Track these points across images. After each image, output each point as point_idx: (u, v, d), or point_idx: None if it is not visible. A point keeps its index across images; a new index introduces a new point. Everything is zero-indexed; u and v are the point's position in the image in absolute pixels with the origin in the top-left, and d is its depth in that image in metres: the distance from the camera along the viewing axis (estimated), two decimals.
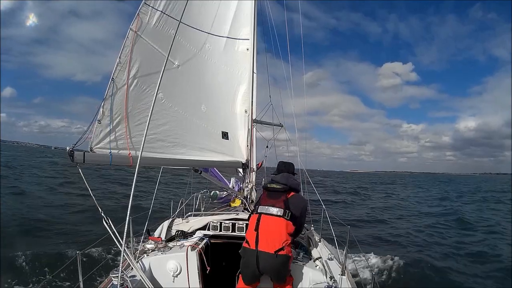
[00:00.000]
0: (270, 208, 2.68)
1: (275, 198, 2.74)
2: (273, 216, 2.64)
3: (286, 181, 2.84)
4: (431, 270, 6.98)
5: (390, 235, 10.36)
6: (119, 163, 2.91)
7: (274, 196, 2.76)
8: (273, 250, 2.51)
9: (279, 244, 2.54)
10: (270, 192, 2.80)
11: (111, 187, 15.80)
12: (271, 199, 2.74)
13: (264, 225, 2.61)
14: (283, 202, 2.70)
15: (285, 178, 2.88)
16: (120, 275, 2.20)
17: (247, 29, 4.28)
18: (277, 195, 2.76)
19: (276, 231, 2.59)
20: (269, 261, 2.51)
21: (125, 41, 2.85)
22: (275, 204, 2.70)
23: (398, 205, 19.16)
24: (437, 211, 16.34)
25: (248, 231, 2.73)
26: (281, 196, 2.74)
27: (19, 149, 68.47)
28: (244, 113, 4.30)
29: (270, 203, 2.71)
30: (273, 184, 2.83)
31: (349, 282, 2.85)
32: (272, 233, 2.58)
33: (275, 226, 2.60)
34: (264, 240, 2.56)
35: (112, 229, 2.45)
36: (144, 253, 3.09)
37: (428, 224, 12.57)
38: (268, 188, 2.83)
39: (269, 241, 2.54)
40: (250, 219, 2.79)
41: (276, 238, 2.55)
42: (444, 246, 9.30)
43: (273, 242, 2.54)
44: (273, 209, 2.67)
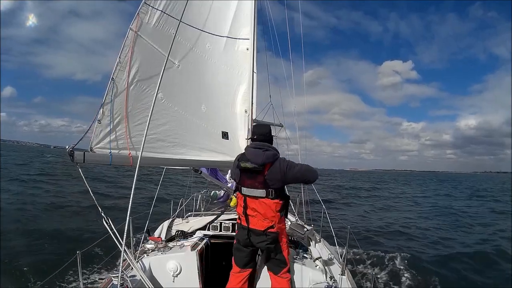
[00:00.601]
0: (251, 190, 2.53)
1: (253, 178, 2.53)
2: (259, 199, 2.51)
3: (259, 158, 2.51)
4: (431, 270, 6.99)
5: (391, 235, 10.37)
6: (119, 163, 2.91)
7: (251, 175, 2.54)
8: (263, 228, 2.51)
9: (268, 222, 2.52)
10: (246, 172, 2.56)
11: (99, 186, 15.55)
12: (249, 179, 2.55)
13: (251, 206, 2.55)
14: (262, 182, 2.50)
15: (257, 155, 2.53)
16: (120, 275, 2.20)
17: (247, 28, 4.28)
18: (253, 174, 2.53)
19: (263, 211, 2.51)
20: (259, 238, 2.54)
21: (125, 41, 2.85)
22: (255, 184, 2.52)
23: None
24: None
25: (238, 208, 2.68)
26: (258, 176, 2.51)
27: (16, 149, 68.31)
28: (244, 113, 4.30)
29: (249, 184, 2.54)
30: (247, 163, 2.54)
31: (349, 282, 2.85)
32: (258, 215, 2.53)
33: (261, 207, 2.51)
34: (253, 220, 2.55)
35: (112, 229, 2.46)
36: (144, 253, 3.10)
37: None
38: (242, 168, 2.58)
39: (258, 221, 2.53)
40: (238, 196, 2.68)
41: (264, 218, 2.52)
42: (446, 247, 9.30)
43: (262, 222, 2.52)
44: (254, 191, 2.52)
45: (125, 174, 21.45)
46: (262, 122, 5.12)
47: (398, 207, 17.79)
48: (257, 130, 2.76)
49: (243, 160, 2.58)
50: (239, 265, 2.71)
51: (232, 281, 2.72)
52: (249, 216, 2.56)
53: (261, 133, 2.71)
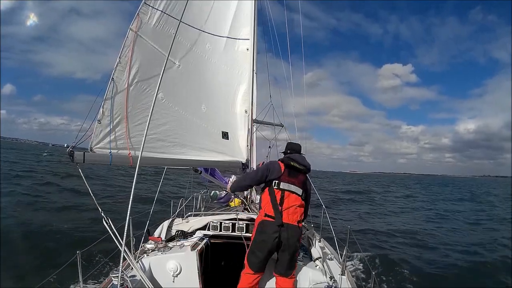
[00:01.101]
0: (291, 186, 2.80)
1: (295, 177, 2.84)
2: (294, 194, 2.79)
3: (308, 163, 2.95)
4: (432, 271, 6.99)
5: (390, 235, 10.37)
6: (119, 163, 2.91)
7: (294, 174, 2.85)
8: (296, 222, 2.74)
9: (299, 217, 2.78)
10: (291, 170, 2.85)
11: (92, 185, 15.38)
12: (291, 178, 2.83)
13: (288, 201, 2.75)
14: (302, 183, 2.86)
15: (305, 160, 2.96)
16: (120, 275, 2.20)
17: (247, 29, 4.28)
18: (297, 175, 2.86)
19: (297, 207, 2.78)
20: (293, 231, 2.69)
21: (125, 41, 2.85)
22: (295, 182, 2.82)
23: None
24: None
25: (267, 206, 2.77)
26: (300, 177, 2.87)
27: (14, 146, 68.03)
28: (244, 113, 4.30)
29: (291, 181, 2.82)
30: (296, 163, 2.87)
31: (349, 282, 2.85)
32: (294, 209, 2.75)
33: (296, 203, 2.78)
34: (287, 214, 2.72)
35: (112, 229, 2.45)
36: (144, 253, 3.09)
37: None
38: (290, 166, 2.87)
39: (292, 215, 2.73)
40: (270, 192, 2.82)
41: (297, 213, 2.76)
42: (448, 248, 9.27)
43: (295, 216, 2.75)
44: (295, 187, 2.80)
45: (116, 172, 21.28)
46: (262, 122, 5.11)
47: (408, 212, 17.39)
48: (294, 146, 3.15)
49: (292, 161, 2.88)
50: (253, 268, 2.70)
51: (244, 281, 2.72)
52: (284, 211, 2.72)
53: (296, 150, 3.10)
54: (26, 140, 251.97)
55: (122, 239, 2.22)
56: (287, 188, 2.79)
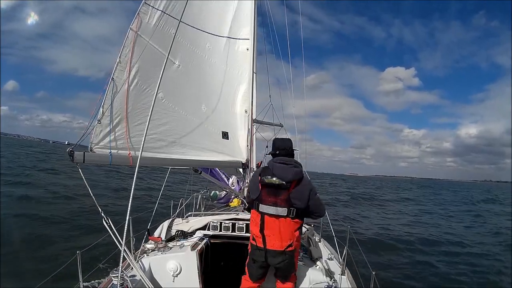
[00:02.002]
0: (271, 208, 2.38)
1: (276, 195, 2.39)
2: (279, 217, 2.38)
3: (289, 175, 2.38)
4: (432, 270, 6.99)
5: (391, 236, 10.37)
6: (119, 163, 2.91)
7: (274, 192, 2.39)
8: (283, 248, 2.40)
9: (287, 241, 2.40)
10: (269, 188, 2.40)
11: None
12: (271, 196, 2.40)
13: (269, 226, 2.41)
14: (285, 200, 2.37)
15: (286, 171, 2.40)
16: (120, 275, 2.20)
17: (247, 29, 4.28)
18: (278, 191, 2.39)
19: (282, 231, 2.40)
20: (278, 257, 2.41)
21: (125, 41, 2.85)
22: (277, 202, 2.38)
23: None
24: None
25: (252, 228, 2.51)
26: (282, 193, 2.38)
27: (13, 142, 67.54)
28: (244, 113, 4.30)
29: (271, 202, 2.39)
30: (272, 179, 2.37)
31: (349, 282, 2.85)
32: (277, 235, 2.40)
33: (281, 226, 2.40)
34: (271, 239, 2.41)
35: (112, 229, 2.45)
36: (144, 253, 3.09)
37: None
38: (265, 183, 2.40)
39: (276, 241, 2.40)
40: (252, 214, 2.54)
41: (284, 237, 2.40)
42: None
43: (281, 241, 2.39)
44: (276, 209, 2.38)
45: (108, 174, 21.09)
46: (262, 122, 5.11)
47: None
48: (281, 144, 2.60)
49: (268, 175, 2.41)
50: (252, 279, 2.61)
51: (245, 286, 2.67)
52: (266, 237, 2.41)
53: (285, 148, 2.57)
54: (28, 136, 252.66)
55: (122, 239, 2.22)
56: (266, 211, 2.40)
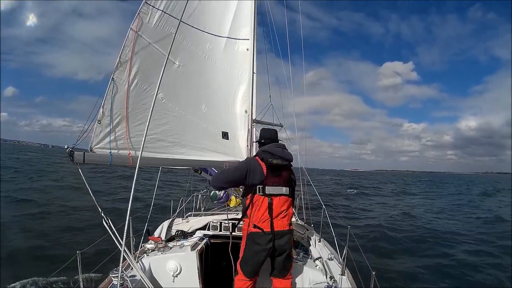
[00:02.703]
0: (277, 188, 2.55)
1: (279, 175, 2.58)
2: (282, 196, 2.57)
3: (291, 156, 2.68)
4: (433, 271, 6.99)
5: (391, 236, 10.37)
6: (119, 163, 2.91)
7: (278, 173, 2.58)
8: (287, 227, 2.57)
9: (289, 220, 2.61)
10: (274, 169, 2.56)
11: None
12: (276, 177, 2.56)
13: (277, 207, 2.53)
14: (287, 180, 2.61)
15: (287, 152, 2.70)
16: (120, 275, 2.20)
17: (247, 29, 4.28)
18: (280, 172, 2.59)
19: (286, 210, 2.59)
20: (284, 239, 2.53)
21: (125, 41, 2.85)
22: (280, 182, 2.57)
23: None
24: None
25: (255, 215, 2.53)
26: (284, 173, 2.61)
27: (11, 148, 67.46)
28: (244, 113, 4.30)
29: (276, 182, 2.55)
30: (278, 160, 2.58)
31: (349, 282, 2.86)
32: (283, 213, 2.56)
33: (285, 206, 2.58)
34: (277, 221, 2.52)
35: (112, 229, 2.45)
36: (144, 253, 3.09)
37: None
38: (273, 165, 2.56)
39: (283, 221, 2.55)
40: (256, 199, 2.55)
41: (287, 216, 2.58)
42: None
43: (286, 221, 2.57)
44: (280, 189, 2.56)
45: (98, 175, 21.03)
46: (262, 122, 5.11)
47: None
48: (266, 134, 2.87)
49: (273, 158, 2.59)
50: (248, 275, 2.59)
51: (239, 286, 2.65)
52: (274, 219, 2.50)
53: (270, 137, 2.83)
54: (28, 142, 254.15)
55: (122, 239, 2.22)
56: (274, 192, 2.53)
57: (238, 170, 2.63)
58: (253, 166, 2.58)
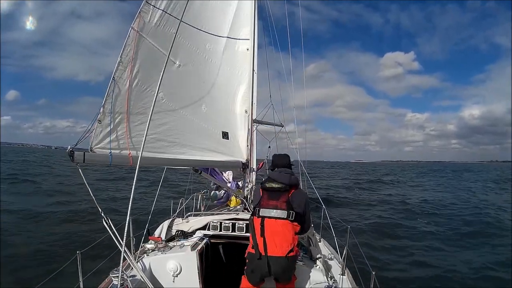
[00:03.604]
0: (272, 210, 2.52)
1: (276, 198, 2.57)
2: (278, 220, 2.50)
3: (286, 179, 2.64)
4: (433, 271, 6.99)
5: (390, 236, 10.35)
6: (119, 163, 2.91)
7: (275, 196, 2.58)
8: (284, 254, 2.43)
9: (288, 246, 2.46)
10: (270, 192, 2.61)
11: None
12: (272, 200, 2.57)
13: (269, 229, 2.48)
14: (285, 202, 2.55)
15: (284, 176, 2.66)
16: (120, 275, 2.20)
17: (247, 29, 4.29)
18: (278, 195, 2.59)
19: (283, 234, 2.48)
20: (281, 264, 2.44)
21: (126, 40, 2.84)
22: (277, 205, 2.54)
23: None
24: None
25: (252, 235, 2.56)
26: (282, 196, 2.58)
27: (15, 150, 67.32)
28: (244, 113, 4.31)
29: (271, 205, 2.54)
30: (272, 183, 2.62)
31: (349, 282, 2.86)
32: (279, 237, 2.46)
33: (281, 229, 2.49)
34: (272, 245, 2.44)
35: (112, 229, 2.45)
36: (144, 253, 3.09)
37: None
38: (267, 188, 2.62)
39: (277, 245, 2.44)
40: (253, 221, 2.59)
41: (284, 241, 2.46)
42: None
43: (282, 246, 2.44)
44: (276, 212, 2.52)
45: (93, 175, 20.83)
46: (263, 122, 5.11)
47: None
48: (278, 161, 2.87)
49: (268, 181, 2.65)
50: (253, 283, 2.57)
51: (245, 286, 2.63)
52: (267, 240, 2.45)
53: (282, 164, 2.83)
54: (32, 144, 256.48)
55: (122, 239, 2.22)
56: (267, 215, 2.52)
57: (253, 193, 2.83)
58: (254, 191, 2.79)
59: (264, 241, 2.45)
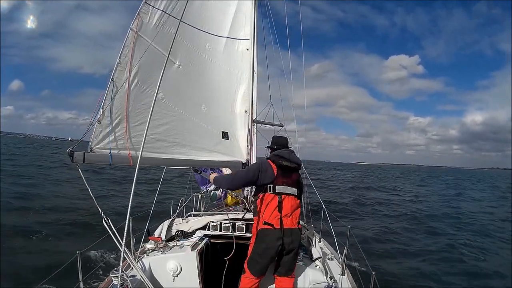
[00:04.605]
0: (287, 188, 2.73)
1: (289, 176, 2.77)
2: (291, 196, 2.73)
3: (297, 159, 2.90)
4: (432, 271, 6.99)
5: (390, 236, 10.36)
6: (119, 163, 2.91)
7: (288, 174, 2.77)
8: (296, 226, 2.73)
9: (297, 219, 2.76)
10: (284, 171, 2.76)
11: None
12: (285, 178, 2.75)
13: (286, 205, 2.69)
14: (296, 181, 2.81)
15: (295, 157, 2.91)
16: (120, 275, 2.20)
17: (247, 28, 4.28)
18: (290, 174, 2.79)
19: (295, 209, 2.75)
20: (295, 234, 2.69)
21: (125, 41, 2.85)
22: (290, 183, 2.75)
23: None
24: None
25: (265, 211, 2.68)
26: (293, 175, 2.81)
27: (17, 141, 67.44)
28: (244, 113, 4.31)
29: (285, 183, 2.74)
30: (287, 162, 2.79)
31: (349, 282, 2.86)
32: (292, 212, 2.71)
33: (295, 205, 2.74)
34: (287, 219, 2.67)
35: (112, 229, 2.46)
36: (144, 253, 3.10)
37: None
38: (283, 166, 2.76)
39: (292, 219, 2.70)
40: (266, 197, 2.71)
41: (296, 215, 2.75)
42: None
43: (295, 219, 2.73)
44: (290, 189, 2.74)
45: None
46: (263, 122, 5.12)
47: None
48: (279, 142, 3.09)
49: (283, 160, 2.79)
50: (255, 274, 2.66)
51: (245, 285, 2.69)
52: (283, 216, 2.65)
53: (282, 143, 3.06)
54: (33, 135, 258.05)
55: (122, 239, 2.22)
56: (284, 191, 2.71)
57: (250, 171, 2.82)
58: (264, 167, 2.79)
59: (280, 217, 2.65)
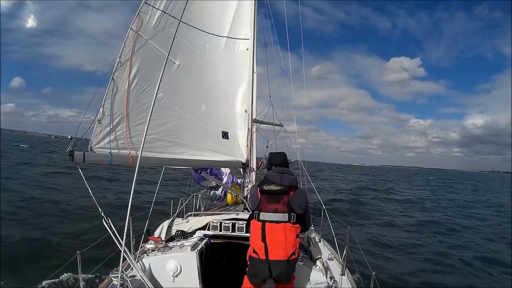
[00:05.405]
0: (273, 214, 2.44)
1: (276, 201, 2.47)
2: (280, 224, 2.43)
3: (286, 181, 2.52)
4: (432, 271, 6.98)
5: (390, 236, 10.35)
6: (119, 163, 2.91)
7: (274, 198, 2.48)
8: (286, 257, 2.39)
9: (290, 249, 2.41)
10: (269, 195, 2.50)
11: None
12: (272, 203, 2.47)
13: (270, 234, 2.42)
14: (286, 204, 2.46)
15: (283, 177, 2.54)
16: (120, 275, 2.20)
17: (247, 29, 4.28)
18: (278, 197, 2.48)
19: (285, 237, 2.41)
20: (282, 268, 2.40)
21: (125, 41, 2.84)
22: (278, 208, 2.45)
23: None
24: None
25: (253, 239, 2.51)
26: (282, 198, 2.48)
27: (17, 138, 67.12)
28: (244, 113, 4.30)
29: (271, 208, 2.46)
30: (271, 185, 2.51)
31: (349, 282, 2.85)
32: (281, 241, 2.40)
33: (283, 233, 2.42)
34: (274, 249, 2.39)
35: (112, 229, 2.45)
36: (144, 253, 3.09)
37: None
38: (265, 191, 2.51)
39: (280, 250, 2.39)
40: (253, 225, 2.53)
41: (287, 245, 2.41)
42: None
43: (285, 250, 2.39)
44: (277, 215, 2.44)
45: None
46: (262, 121, 5.11)
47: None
48: (275, 160, 2.75)
49: (266, 184, 2.53)
50: (255, 285, 2.55)
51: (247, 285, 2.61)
52: (268, 246, 2.39)
53: (278, 163, 2.72)
54: (34, 132, 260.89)
55: (122, 239, 2.22)
56: (268, 219, 2.44)
57: (250, 194, 2.74)
58: (251, 193, 2.65)
59: (265, 246, 2.40)
